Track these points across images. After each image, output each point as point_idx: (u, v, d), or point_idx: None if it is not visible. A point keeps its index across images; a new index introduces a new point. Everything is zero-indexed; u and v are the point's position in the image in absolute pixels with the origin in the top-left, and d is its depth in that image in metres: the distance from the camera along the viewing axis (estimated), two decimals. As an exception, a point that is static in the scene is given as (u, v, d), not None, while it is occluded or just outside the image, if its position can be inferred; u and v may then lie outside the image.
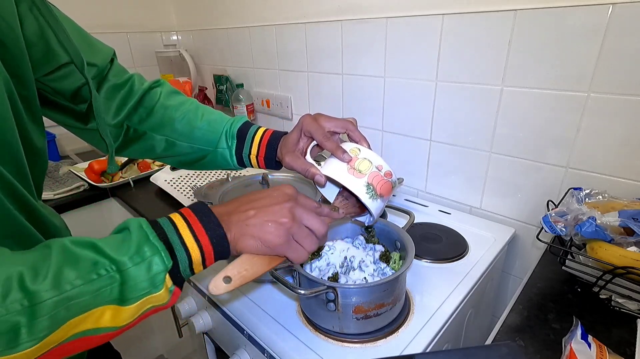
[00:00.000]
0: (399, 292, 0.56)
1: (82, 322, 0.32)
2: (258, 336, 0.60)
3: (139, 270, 0.33)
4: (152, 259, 0.34)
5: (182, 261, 0.37)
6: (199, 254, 0.38)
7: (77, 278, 0.31)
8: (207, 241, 0.38)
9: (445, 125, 0.91)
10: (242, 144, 0.63)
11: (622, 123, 0.66)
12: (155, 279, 0.34)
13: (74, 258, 0.32)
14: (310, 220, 0.44)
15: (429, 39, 0.85)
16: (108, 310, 0.33)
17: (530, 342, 0.52)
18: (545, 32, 0.69)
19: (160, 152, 0.64)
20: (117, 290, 0.33)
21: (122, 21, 1.55)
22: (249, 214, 0.41)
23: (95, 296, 0.32)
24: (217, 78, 1.57)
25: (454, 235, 0.82)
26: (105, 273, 0.32)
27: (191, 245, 0.37)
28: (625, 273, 0.53)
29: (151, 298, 0.35)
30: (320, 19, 1.07)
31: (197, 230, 0.38)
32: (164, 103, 0.63)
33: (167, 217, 0.39)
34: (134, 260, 0.33)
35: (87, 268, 0.31)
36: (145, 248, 0.34)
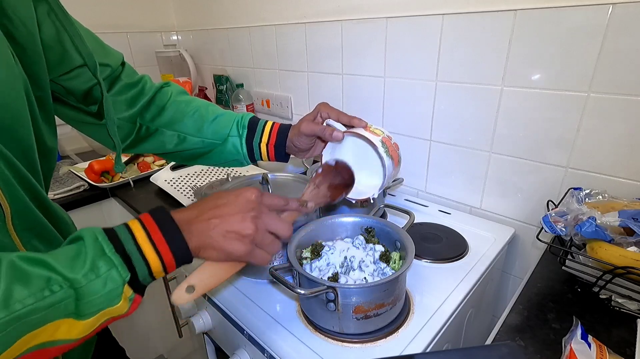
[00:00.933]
0: (399, 292, 0.56)
1: (37, 336, 0.31)
2: (258, 336, 0.60)
3: (94, 286, 0.32)
4: (109, 274, 0.33)
5: (141, 272, 0.36)
6: (159, 263, 0.37)
7: (28, 297, 0.30)
8: (167, 251, 0.37)
9: (445, 125, 0.91)
10: (252, 133, 0.65)
11: (622, 123, 0.66)
12: (112, 294, 0.33)
13: (24, 276, 0.30)
14: (274, 225, 0.44)
15: (429, 39, 0.85)
16: (64, 324, 0.32)
17: (530, 342, 0.52)
18: (545, 32, 0.69)
19: (171, 147, 0.65)
20: (73, 304, 0.32)
21: (122, 21, 1.55)
22: (211, 223, 0.40)
23: (48, 312, 0.31)
24: (217, 78, 1.57)
25: (454, 235, 0.82)
26: (59, 289, 0.31)
27: (150, 255, 0.36)
28: (625, 273, 0.53)
29: (108, 311, 0.34)
30: (320, 19, 1.07)
31: (157, 239, 0.37)
32: (176, 100, 0.65)
33: (125, 225, 0.37)
34: (88, 277, 0.32)
35: (39, 285, 0.30)
36: (100, 263, 0.33)
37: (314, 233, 0.65)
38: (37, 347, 0.32)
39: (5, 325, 0.29)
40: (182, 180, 1.16)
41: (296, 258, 0.58)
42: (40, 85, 0.45)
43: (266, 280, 0.70)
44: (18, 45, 0.41)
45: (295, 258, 0.57)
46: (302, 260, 0.62)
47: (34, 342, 0.31)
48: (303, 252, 0.63)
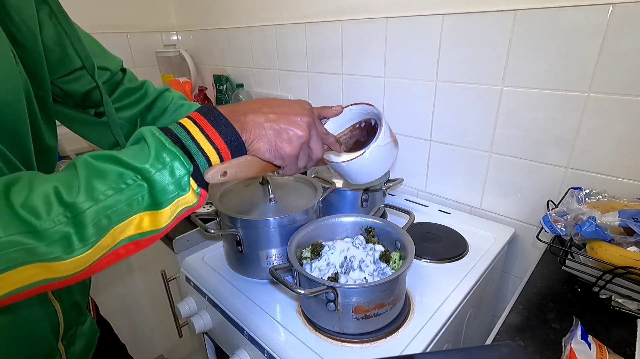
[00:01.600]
0: (399, 292, 0.56)
1: (126, 229, 0.34)
2: (258, 336, 0.60)
3: (162, 175, 0.35)
4: (173, 164, 0.35)
5: (202, 165, 0.38)
6: (217, 156, 0.39)
7: (107, 189, 0.33)
8: (222, 143, 0.39)
9: (445, 125, 0.90)
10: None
11: (622, 123, 0.66)
12: (181, 182, 0.36)
13: (99, 172, 0.33)
14: (316, 143, 0.46)
15: (429, 39, 0.85)
16: (146, 216, 0.35)
17: (530, 342, 0.52)
18: (545, 32, 0.69)
19: None
20: (148, 196, 0.35)
21: (122, 21, 1.55)
22: (270, 117, 0.42)
23: (129, 204, 0.34)
24: (217, 78, 1.57)
25: (454, 235, 0.82)
26: (133, 182, 0.34)
27: (207, 147, 0.38)
28: (625, 273, 0.53)
29: (181, 200, 0.36)
30: (320, 19, 1.07)
31: (210, 133, 0.39)
32: (177, 103, 0.66)
33: (178, 123, 0.39)
34: (155, 166, 0.34)
35: (114, 179, 0.33)
36: (163, 154, 0.35)
37: (314, 233, 0.65)
38: (130, 239, 0.35)
39: (95, 214, 0.32)
40: (182, 180, 1.16)
41: (296, 258, 0.58)
42: (40, 85, 0.46)
43: (266, 280, 0.70)
44: (20, 46, 0.42)
45: (295, 258, 0.57)
46: (302, 260, 0.62)
47: (125, 234, 0.34)
48: (303, 252, 0.63)
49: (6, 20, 0.40)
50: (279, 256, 0.68)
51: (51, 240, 0.31)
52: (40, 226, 0.31)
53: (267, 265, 0.67)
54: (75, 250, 0.32)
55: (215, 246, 0.82)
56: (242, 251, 0.67)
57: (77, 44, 0.49)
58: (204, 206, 0.95)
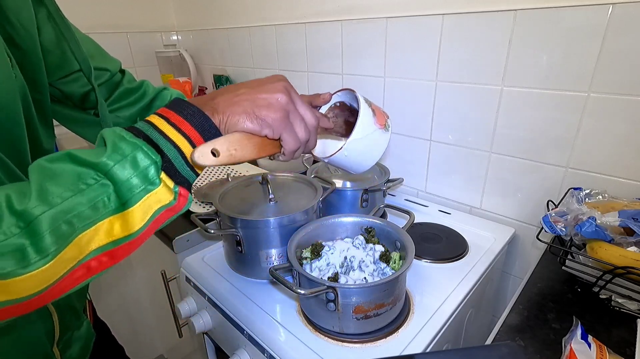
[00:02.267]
0: (399, 292, 0.56)
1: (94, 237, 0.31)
2: (258, 336, 0.60)
3: (123, 167, 0.31)
4: (135, 155, 0.32)
5: (173, 156, 0.35)
6: (187, 144, 0.35)
7: (64, 191, 0.30)
8: (191, 129, 0.36)
9: (445, 125, 0.90)
10: None
11: (622, 123, 0.66)
12: (147, 174, 0.32)
13: (53, 173, 0.30)
14: (303, 108, 0.42)
15: (429, 39, 0.85)
16: (116, 221, 0.32)
17: (530, 342, 0.52)
18: (546, 32, 0.69)
19: None
20: (115, 196, 0.31)
21: (122, 21, 1.55)
22: (240, 91, 0.39)
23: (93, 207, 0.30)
24: (217, 78, 1.57)
25: (454, 235, 0.82)
26: (94, 182, 0.31)
27: (175, 137, 0.35)
28: (625, 273, 0.53)
29: (152, 196, 0.33)
30: (320, 19, 1.07)
31: (178, 122, 0.36)
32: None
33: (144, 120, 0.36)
34: (113, 158, 0.31)
35: (71, 179, 0.30)
36: (122, 145, 0.32)
37: (314, 233, 0.65)
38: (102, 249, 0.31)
39: (52, 220, 0.29)
40: (182, 180, 1.16)
41: (296, 258, 0.58)
42: (38, 88, 0.46)
43: (266, 280, 0.70)
44: (19, 48, 0.42)
45: (295, 258, 0.57)
46: (302, 260, 0.62)
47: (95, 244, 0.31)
48: (303, 252, 0.63)
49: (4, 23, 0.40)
50: (279, 256, 0.68)
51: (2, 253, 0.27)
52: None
53: (267, 265, 0.67)
54: (31, 263, 0.28)
55: (215, 246, 0.82)
56: (242, 251, 0.67)
57: (74, 46, 0.49)
58: (204, 207, 0.95)
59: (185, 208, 0.36)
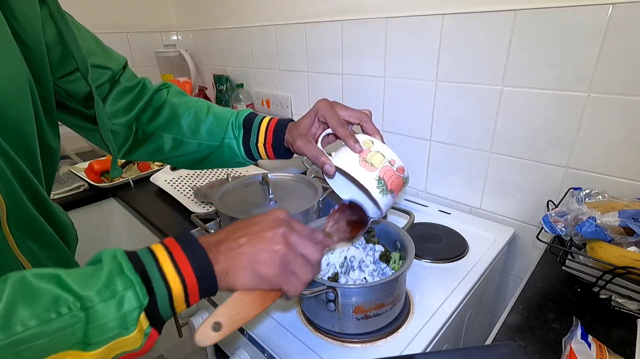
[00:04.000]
0: (399, 292, 0.56)
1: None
2: (258, 336, 0.60)
3: (107, 307, 0.29)
4: (125, 294, 0.30)
5: (162, 298, 0.32)
6: (181, 288, 0.33)
7: (31, 318, 0.27)
8: (190, 273, 0.34)
9: (445, 125, 0.91)
10: (248, 134, 0.62)
11: (622, 123, 0.66)
12: (127, 318, 0.30)
13: (31, 293, 0.27)
14: (304, 247, 0.41)
15: (429, 39, 0.85)
16: (68, 356, 0.28)
17: (530, 342, 0.52)
18: (546, 32, 0.69)
19: (168, 151, 0.63)
20: (81, 331, 0.28)
21: (122, 21, 1.55)
22: (240, 242, 0.38)
23: (53, 339, 0.27)
24: (217, 78, 1.57)
25: (454, 235, 0.82)
26: (67, 312, 0.28)
27: (172, 277, 0.33)
28: (625, 273, 0.53)
29: (121, 341, 0.30)
30: (320, 19, 1.07)
31: (180, 261, 0.34)
32: (171, 101, 0.64)
33: (147, 248, 0.35)
34: (102, 295, 0.29)
35: (45, 305, 0.27)
36: (117, 281, 0.30)
37: (314, 233, 0.65)
38: None
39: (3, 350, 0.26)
40: (182, 180, 1.16)
41: (296, 258, 0.58)
42: (43, 85, 0.45)
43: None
44: (24, 44, 0.41)
45: (295, 258, 0.57)
46: (302, 260, 0.62)
47: None
48: (303, 252, 0.63)
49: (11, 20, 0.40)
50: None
51: None
52: None
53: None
54: None
55: (215, 246, 0.82)
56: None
57: (73, 44, 0.48)
58: (204, 207, 0.95)
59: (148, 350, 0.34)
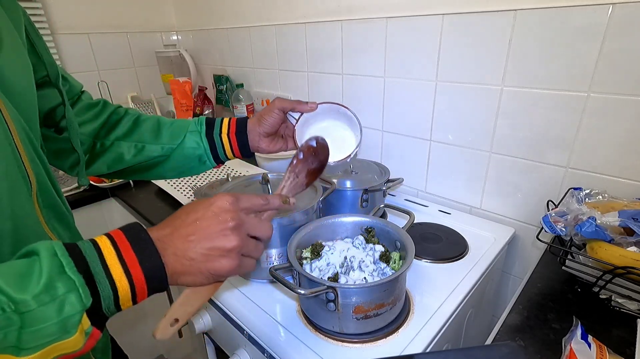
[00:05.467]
0: (399, 292, 0.56)
1: None
2: (258, 336, 0.60)
3: (46, 311, 0.26)
4: (66, 297, 0.27)
5: (106, 298, 0.30)
6: (127, 288, 0.31)
7: None
8: (139, 274, 0.31)
9: (445, 125, 0.91)
10: (211, 127, 0.65)
11: (622, 123, 0.66)
12: (68, 322, 0.28)
13: None
14: (256, 229, 0.40)
15: (429, 39, 0.85)
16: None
17: (530, 342, 0.52)
18: (546, 32, 0.69)
19: (129, 158, 0.63)
20: (14, 335, 0.26)
21: (122, 21, 1.55)
22: (190, 242, 0.35)
23: None
24: (217, 78, 1.57)
25: (454, 235, 0.82)
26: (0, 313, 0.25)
27: (119, 277, 0.30)
28: (625, 273, 0.53)
29: (59, 345, 0.28)
30: (320, 19, 1.07)
31: (129, 259, 0.31)
32: (131, 113, 0.66)
33: (91, 240, 0.32)
34: (40, 300, 0.26)
35: None
36: (57, 283, 0.27)
37: (314, 233, 0.65)
38: None
39: None
40: (182, 180, 1.16)
41: (296, 258, 0.58)
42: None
43: (266, 280, 0.70)
44: None
45: (295, 258, 0.57)
46: (302, 260, 0.62)
47: None
48: (303, 252, 0.63)
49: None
50: (279, 256, 0.68)
51: None
52: None
53: (267, 265, 0.67)
54: None
55: (215, 246, 0.82)
56: (242, 251, 0.67)
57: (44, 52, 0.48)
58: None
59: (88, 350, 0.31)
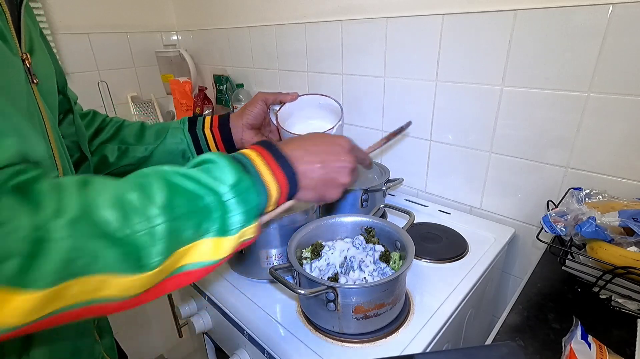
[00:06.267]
0: (399, 292, 0.56)
1: (187, 253, 0.32)
2: (258, 336, 0.60)
3: (238, 202, 0.34)
4: (249, 192, 0.35)
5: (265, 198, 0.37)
6: (276, 191, 0.38)
7: (184, 206, 0.31)
8: (283, 180, 0.39)
9: (445, 125, 0.90)
10: (193, 124, 0.68)
11: (622, 123, 0.66)
12: (252, 212, 0.35)
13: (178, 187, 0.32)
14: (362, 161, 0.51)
15: (429, 39, 0.85)
16: (210, 242, 0.33)
17: (530, 342, 0.52)
18: (546, 32, 0.69)
19: (114, 161, 0.65)
20: (220, 221, 0.33)
21: (122, 21, 1.55)
22: (315, 169, 0.43)
23: (198, 225, 0.32)
24: (217, 78, 1.57)
25: (454, 235, 0.82)
26: (210, 203, 0.32)
27: (270, 181, 0.38)
28: (625, 273, 0.53)
29: (246, 230, 0.35)
30: (320, 19, 1.07)
31: (273, 168, 0.39)
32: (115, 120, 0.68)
33: (241, 154, 0.39)
34: (235, 191, 0.33)
35: (192, 197, 0.32)
36: (243, 181, 0.34)
37: (314, 233, 0.65)
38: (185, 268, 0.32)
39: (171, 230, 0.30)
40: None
41: (296, 258, 0.58)
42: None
43: (266, 280, 0.70)
44: None
45: (295, 258, 0.57)
46: (302, 260, 0.62)
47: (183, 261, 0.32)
48: (303, 252, 0.63)
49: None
50: (279, 256, 0.68)
51: (126, 249, 0.28)
52: (118, 232, 0.27)
53: (267, 265, 0.67)
54: (145, 265, 0.29)
55: (215, 246, 0.82)
56: (242, 251, 0.67)
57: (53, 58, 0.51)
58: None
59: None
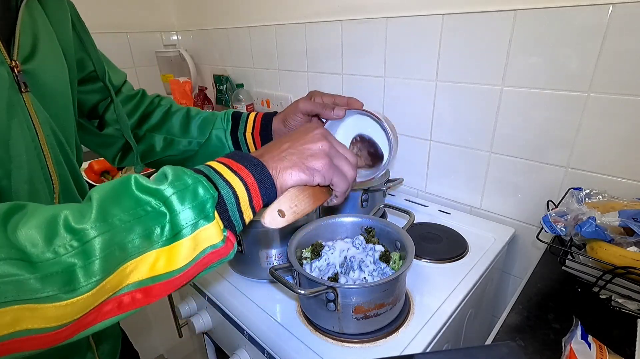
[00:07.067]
0: (399, 292, 0.56)
1: (137, 268, 0.29)
2: (258, 336, 0.60)
3: (182, 196, 0.31)
4: (196, 186, 0.32)
5: (229, 199, 0.34)
6: (243, 189, 0.36)
7: (124, 214, 0.29)
8: (249, 177, 0.36)
9: (445, 125, 0.90)
10: (237, 125, 0.67)
11: (622, 123, 0.66)
12: (204, 206, 0.32)
13: (115, 195, 0.30)
14: (342, 148, 0.45)
15: (429, 39, 0.85)
16: (162, 254, 0.30)
17: (530, 342, 0.52)
18: (546, 32, 0.69)
19: (159, 151, 0.67)
20: (168, 226, 0.30)
21: (122, 21, 1.55)
22: (283, 146, 0.42)
23: (146, 236, 0.29)
24: (217, 78, 1.57)
25: (454, 235, 0.82)
26: (152, 210, 0.30)
27: (233, 180, 0.35)
28: (625, 273, 0.53)
29: (203, 231, 0.32)
30: (320, 19, 1.07)
31: (237, 169, 0.37)
32: (162, 104, 0.69)
33: (204, 165, 0.37)
34: (175, 186, 0.31)
35: (131, 204, 0.29)
36: (185, 177, 0.32)
37: (314, 233, 0.65)
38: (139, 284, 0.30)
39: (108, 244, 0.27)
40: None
41: (296, 258, 0.58)
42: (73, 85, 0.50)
43: (266, 280, 0.70)
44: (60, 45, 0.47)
45: (295, 258, 0.57)
46: (302, 260, 0.62)
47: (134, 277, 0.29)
48: (303, 252, 0.63)
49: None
50: (279, 256, 0.68)
51: (48, 272, 0.25)
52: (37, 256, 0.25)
53: (267, 265, 0.67)
54: (78, 288, 0.26)
55: (215, 246, 0.82)
56: (242, 251, 0.67)
57: (91, 48, 0.53)
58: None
59: (230, 256, 0.35)
